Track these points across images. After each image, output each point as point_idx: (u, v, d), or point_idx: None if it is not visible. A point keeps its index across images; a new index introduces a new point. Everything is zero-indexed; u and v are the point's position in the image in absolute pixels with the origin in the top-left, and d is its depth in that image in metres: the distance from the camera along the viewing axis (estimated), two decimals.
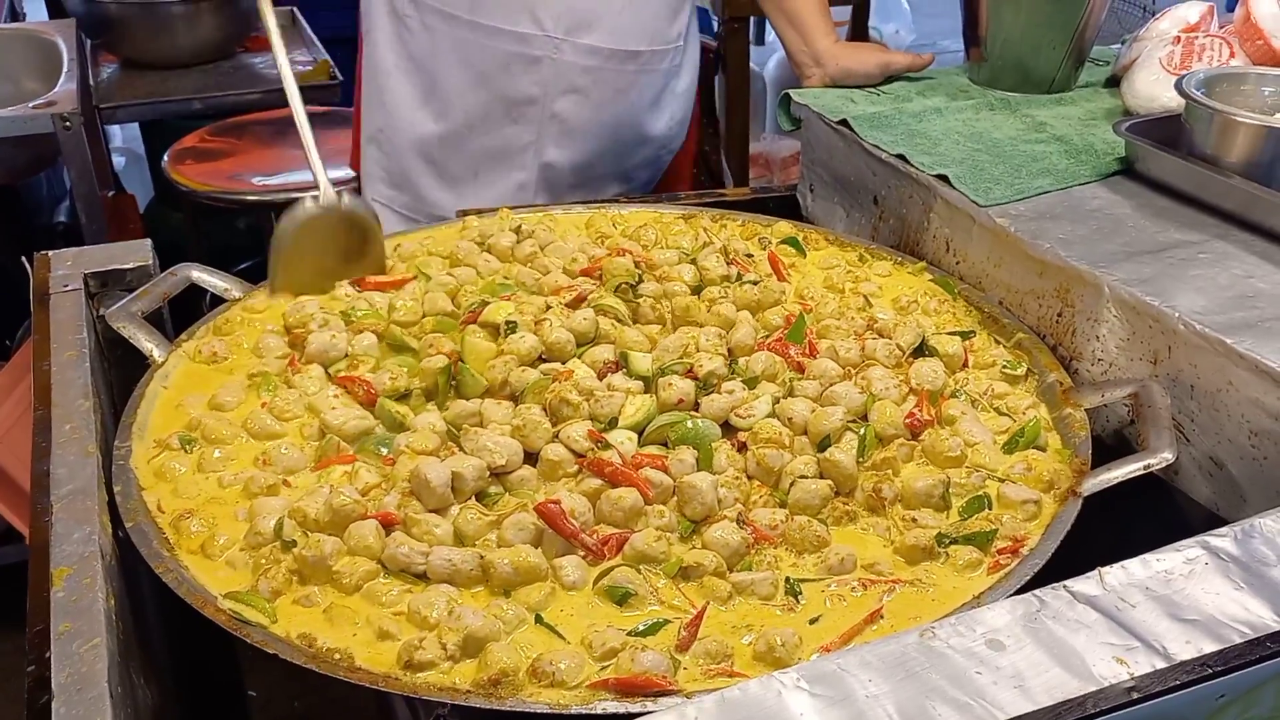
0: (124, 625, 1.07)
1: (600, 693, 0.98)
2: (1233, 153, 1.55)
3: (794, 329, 1.49)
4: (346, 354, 1.43)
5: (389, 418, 1.31)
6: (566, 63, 2.05)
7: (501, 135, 2.12)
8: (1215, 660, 0.89)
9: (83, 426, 1.26)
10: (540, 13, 2.01)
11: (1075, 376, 1.45)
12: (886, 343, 1.46)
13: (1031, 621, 0.92)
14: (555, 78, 2.06)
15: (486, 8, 2.02)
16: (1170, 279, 1.39)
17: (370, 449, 1.27)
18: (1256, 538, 1.01)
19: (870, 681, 0.86)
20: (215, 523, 1.17)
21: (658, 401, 1.33)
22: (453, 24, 2.04)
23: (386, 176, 2.21)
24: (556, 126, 2.12)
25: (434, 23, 2.06)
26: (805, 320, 1.51)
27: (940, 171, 1.68)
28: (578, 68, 2.06)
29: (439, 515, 1.16)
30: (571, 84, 2.08)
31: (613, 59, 2.09)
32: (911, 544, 1.16)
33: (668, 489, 1.22)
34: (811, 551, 1.17)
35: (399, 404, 1.34)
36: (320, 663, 0.99)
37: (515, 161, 2.15)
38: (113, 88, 3.34)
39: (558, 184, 2.19)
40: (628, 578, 1.10)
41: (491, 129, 2.11)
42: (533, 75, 2.06)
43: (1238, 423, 1.25)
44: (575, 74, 2.06)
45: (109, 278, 1.58)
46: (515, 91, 2.08)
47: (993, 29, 1.99)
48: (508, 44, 2.02)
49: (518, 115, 2.10)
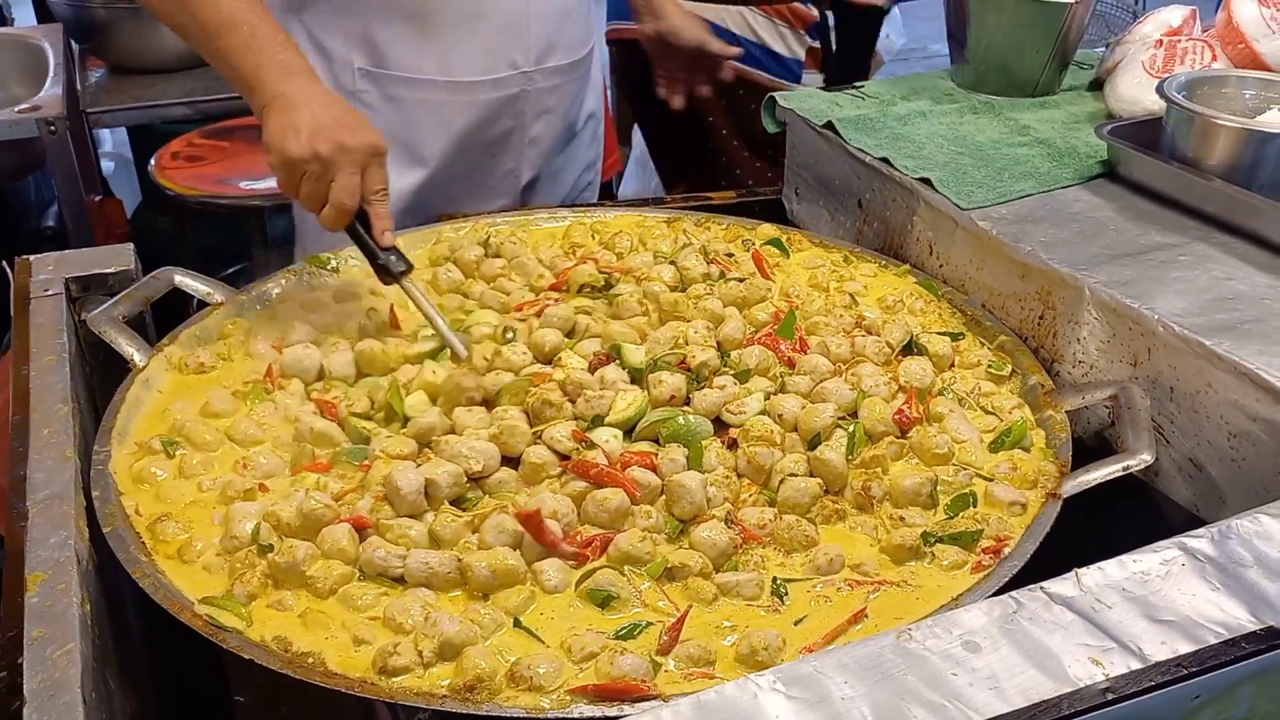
0: (100, 631, 1.06)
1: (578, 697, 0.98)
2: (1213, 156, 1.56)
3: (785, 324, 1.49)
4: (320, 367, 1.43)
5: (356, 434, 1.31)
6: (538, 89, 2.01)
7: (482, 172, 2.08)
8: (1190, 661, 0.89)
9: (61, 431, 1.25)
10: (515, 55, 1.96)
11: (1057, 379, 1.45)
12: (876, 340, 1.47)
13: (1008, 623, 0.92)
14: (530, 106, 2.04)
15: (460, 64, 1.93)
16: (1151, 281, 1.39)
17: (344, 459, 1.27)
18: (1233, 539, 1.01)
19: (846, 683, 0.86)
20: (192, 527, 1.17)
21: (650, 398, 1.33)
22: (423, 88, 1.94)
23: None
24: (533, 149, 2.10)
25: (400, 92, 1.94)
26: (795, 315, 1.51)
27: (923, 175, 1.68)
28: (546, 89, 2.04)
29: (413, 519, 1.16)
30: (543, 106, 2.06)
31: (571, 71, 2.08)
32: (898, 543, 1.16)
33: (655, 489, 1.22)
34: (800, 551, 1.17)
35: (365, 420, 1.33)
36: (295, 667, 0.99)
37: (497, 189, 2.11)
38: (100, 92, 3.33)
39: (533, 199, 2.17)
40: (610, 580, 1.10)
41: (473, 170, 2.06)
42: (510, 110, 2.02)
43: (1217, 424, 1.26)
44: (545, 96, 2.04)
45: (90, 282, 1.57)
46: (495, 130, 2.03)
47: (976, 32, 2.00)
48: (486, 93, 1.95)
49: (498, 150, 2.06)
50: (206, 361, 1.46)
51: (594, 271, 1.59)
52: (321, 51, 1.93)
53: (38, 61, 3.17)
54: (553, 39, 2.00)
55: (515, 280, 1.65)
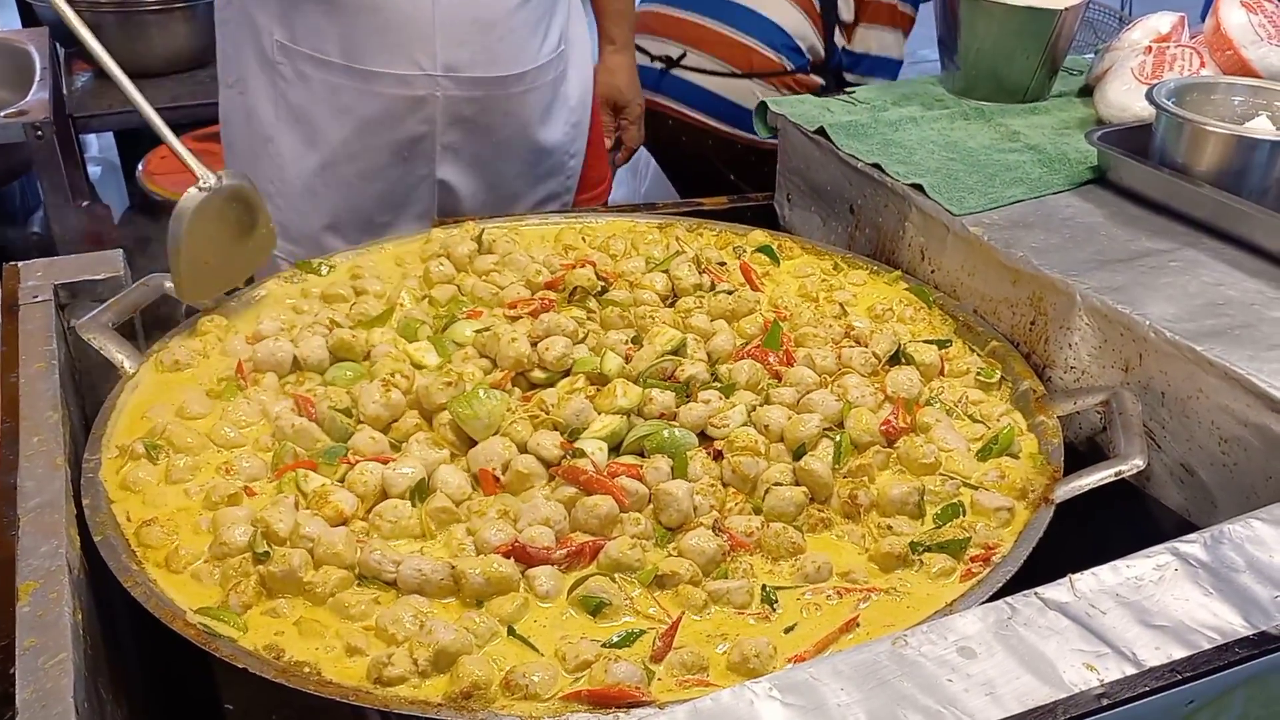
0: (92, 640, 1.05)
1: (573, 704, 0.97)
2: (1203, 162, 1.57)
3: (770, 335, 1.49)
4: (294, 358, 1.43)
5: (338, 430, 1.31)
6: (451, 97, 1.97)
7: (395, 174, 2.04)
8: (1184, 666, 0.90)
9: (51, 439, 1.24)
10: (418, 55, 1.93)
11: (1048, 384, 1.45)
12: (863, 351, 1.46)
13: (1003, 629, 0.92)
14: (442, 113, 1.99)
15: (362, 52, 1.92)
16: (1141, 287, 1.40)
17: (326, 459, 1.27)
18: (1225, 544, 1.02)
19: (842, 690, 0.86)
20: (179, 533, 1.17)
21: (642, 413, 1.33)
22: (327, 70, 1.94)
23: (282, 231, 2.01)
24: (450, 157, 2.05)
25: (307, 70, 1.95)
26: (780, 326, 1.51)
27: (915, 181, 1.69)
28: (462, 99, 1.99)
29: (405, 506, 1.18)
30: (459, 115, 2.01)
31: (496, 85, 2.02)
32: (886, 551, 1.16)
33: (643, 497, 1.22)
34: (787, 559, 1.17)
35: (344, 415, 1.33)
36: (289, 676, 0.98)
37: (412, 196, 2.08)
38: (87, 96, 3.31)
39: (461, 209, 2.12)
40: (602, 587, 1.10)
41: (385, 171, 2.03)
42: (419, 114, 1.98)
43: (1208, 429, 1.26)
44: (461, 105, 1.99)
45: (79, 289, 1.56)
46: (402, 133, 2.00)
47: (966, 39, 2.01)
48: (389, 87, 1.93)
49: (409, 154, 2.02)
50: (182, 359, 1.45)
51: (592, 276, 1.59)
52: (249, 21, 1.99)
53: (23, 65, 3.15)
54: (465, 49, 1.95)
55: (508, 276, 1.65)
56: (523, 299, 1.58)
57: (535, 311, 1.52)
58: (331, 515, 1.17)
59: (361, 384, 1.36)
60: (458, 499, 1.21)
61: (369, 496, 1.20)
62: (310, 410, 1.33)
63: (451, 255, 1.70)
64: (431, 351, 1.47)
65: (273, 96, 2.00)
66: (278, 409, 1.34)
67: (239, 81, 2.05)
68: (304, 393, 1.37)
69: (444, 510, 1.19)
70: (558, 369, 1.40)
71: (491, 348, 1.43)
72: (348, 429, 1.31)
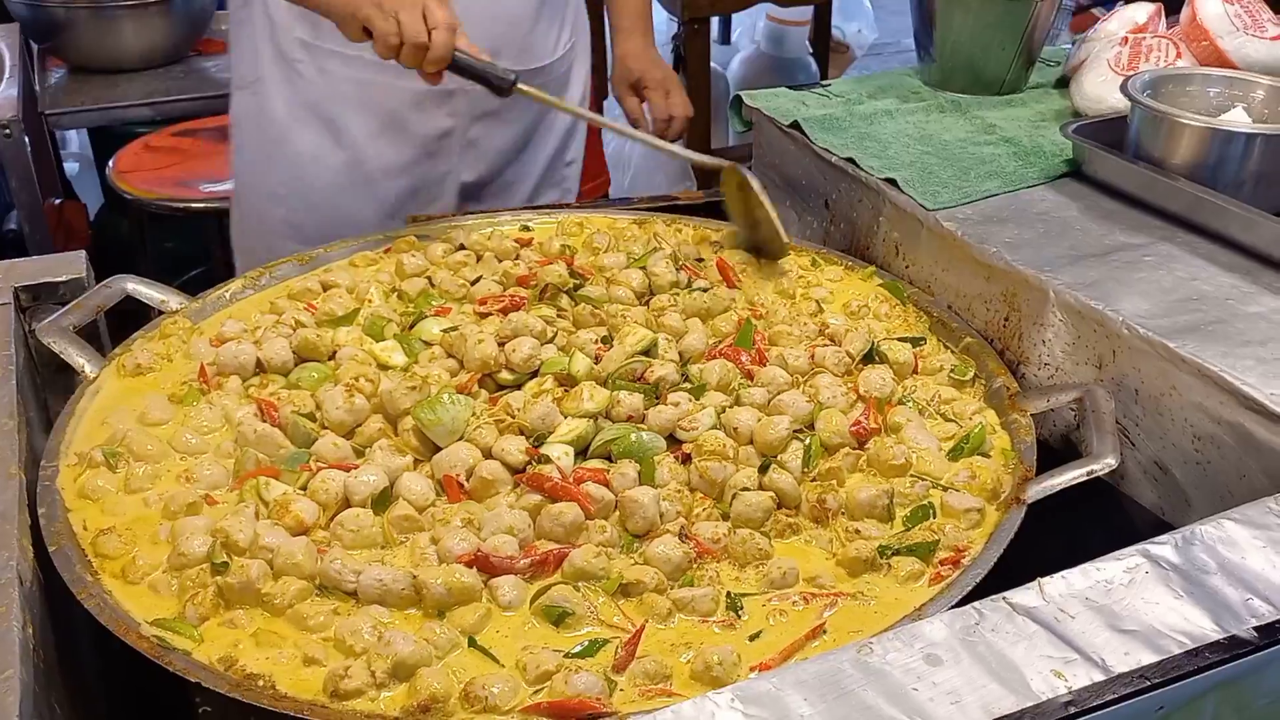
0: (44, 654, 1.03)
1: (533, 717, 0.96)
2: (1177, 155, 1.55)
3: (742, 334, 1.48)
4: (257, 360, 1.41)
5: (301, 436, 1.29)
6: (479, 91, 1.94)
7: (419, 171, 2.05)
8: (1153, 672, 0.88)
9: (6, 447, 1.22)
10: None
11: (1022, 381, 1.44)
12: (836, 350, 1.45)
13: (970, 635, 0.91)
14: (469, 107, 2.01)
15: None
16: (1115, 282, 1.38)
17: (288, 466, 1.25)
18: (1197, 545, 1.00)
19: (805, 700, 0.84)
20: (136, 543, 1.14)
21: (610, 415, 1.31)
22: (354, 66, 1.94)
23: (295, 232, 2.02)
24: (472, 152, 2.07)
25: (332, 66, 1.95)
26: (753, 325, 1.50)
27: (889, 175, 1.67)
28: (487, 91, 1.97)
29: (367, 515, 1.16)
30: (484, 109, 2.03)
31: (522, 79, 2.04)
32: (854, 556, 1.14)
33: (609, 504, 1.20)
34: (754, 565, 1.15)
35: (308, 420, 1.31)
36: (244, 690, 0.96)
37: (433, 192, 2.08)
38: (60, 93, 3.27)
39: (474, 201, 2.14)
40: (565, 596, 1.08)
41: (408, 167, 2.04)
42: (446, 108, 2.00)
43: (1181, 427, 1.25)
44: (487, 100, 1.97)
45: (40, 291, 1.53)
46: (430, 127, 2.01)
47: (943, 30, 1.99)
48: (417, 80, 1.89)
49: (433, 149, 2.04)
50: (144, 362, 1.42)
51: (563, 273, 1.57)
52: (268, 18, 1.97)
53: None
54: (500, 41, 1.96)
55: (479, 269, 1.63)
56: (493, 295, 1.56)
57: (505, 309, 1.50)
58: (292, 524, 1.15)
59: (325, 389, 1.34)
60: (420, 506, 1.19)
61: (331, 505, 1.18)
62: (273, 415, 1.31)
63: (426, 251, 1.68)
64: (398, 351, 1.45)
65: (288, 94, 2.00)
66: (240, 414, 1.32)
67: (255, 82, 2.03)
68: (267, 396, 1.35)
69: (406, 518, 1.17)
70: (525, 370, 1.38)
71: (459, 348, 1.41)
72: (311, 434, 1.28)
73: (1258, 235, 1.42)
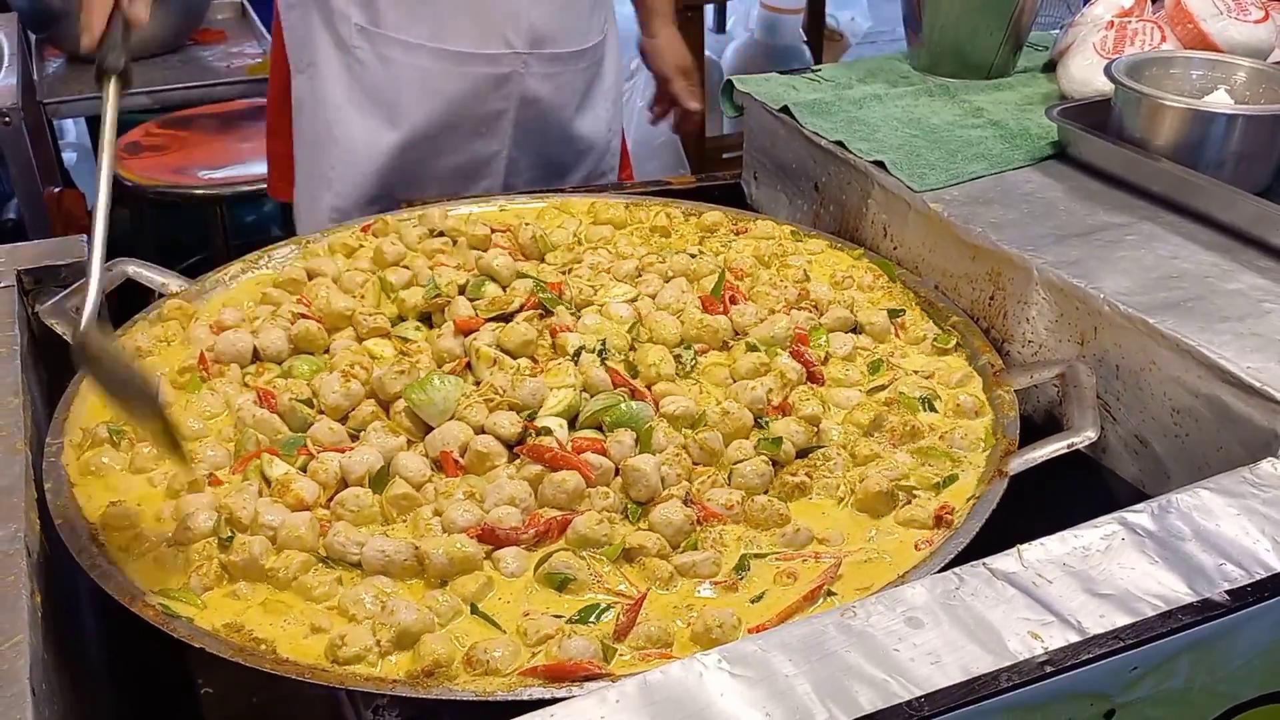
0: (54, 623, 1.06)
1: (529, 679, 0.99)
2: (1160, 136, 1.57)
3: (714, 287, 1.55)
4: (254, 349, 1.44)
5: (298, 421, 1.31)
6: (532, 73, 2.03)
7: (470, 150, 2.10)
8: (1128, 633, 0.91)
9: (11, 424, 1.24)
10: (509, 33, 2.00)
11: (1007, 358, 1.47)
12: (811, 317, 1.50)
13: (950, 599, 0.93)
14: (522, 90, 2.06)
15: (452, 33, 1.98)
16: (1098, 261, 1.41)
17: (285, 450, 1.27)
18: (1172, 513, 1.03)
19: (790, 661, 0.87)
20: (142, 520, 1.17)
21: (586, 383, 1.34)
22: (414, 53, 1.98)
23: (341, 215, 2.06)
24: (521, 132, 2.12)
25: (392, 53, 1.99)
26: (725, 275, 1.57)
27: (877, 158, 1.70)
28: (540, 76, 2.07)
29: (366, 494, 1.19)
30: (535, 93, 2.08)
31: (569, 62, 2.10)
32: (874, 491, 1.18)
33: (608, 471, 1.23)
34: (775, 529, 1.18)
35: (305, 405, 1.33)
36: (245, 654, 0.99)
37: (482, 172, 2.13)
38: (58, 82, 3.30)
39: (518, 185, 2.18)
40: (566, 563, 1.10)
41: (460, 147, 2.08)
42: (502, 91, 2.05)
43: (1160, 401, 1.28)
44: (538, 83, 2.06)
45: (43, 274, 1.56)
46: (484, 109, 2.05)
47: (931, 15, 2.01)
48: (478, 66, 1.98)
49: (486, 130, 2.08)
50: (143, 345, 1.45)
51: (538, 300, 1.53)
52: (323, 5, 2.00)
53: None
54: (549, 25, 2.02)
55: (456, 258, 1.65)
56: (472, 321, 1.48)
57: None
58: (293, 503, 1.18)
59: (322, 375, 1.36)
60: (417, 483, 1.21)
61: (330, 485, 1.21)
62: (272, 403, 1.34)
63: (404, 236, 1.71)
64: (388, 345, 1.47)
65: (344, 79, 2.02)
66: (240, 401, 1.35)
67: (310, 66, 2.06)
68: (264, 384, 1.38)
69: (404, 497, 1.19)
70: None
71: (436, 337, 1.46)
72: (308, 419, 1.31)
73: (1237, 214, 1.44)
